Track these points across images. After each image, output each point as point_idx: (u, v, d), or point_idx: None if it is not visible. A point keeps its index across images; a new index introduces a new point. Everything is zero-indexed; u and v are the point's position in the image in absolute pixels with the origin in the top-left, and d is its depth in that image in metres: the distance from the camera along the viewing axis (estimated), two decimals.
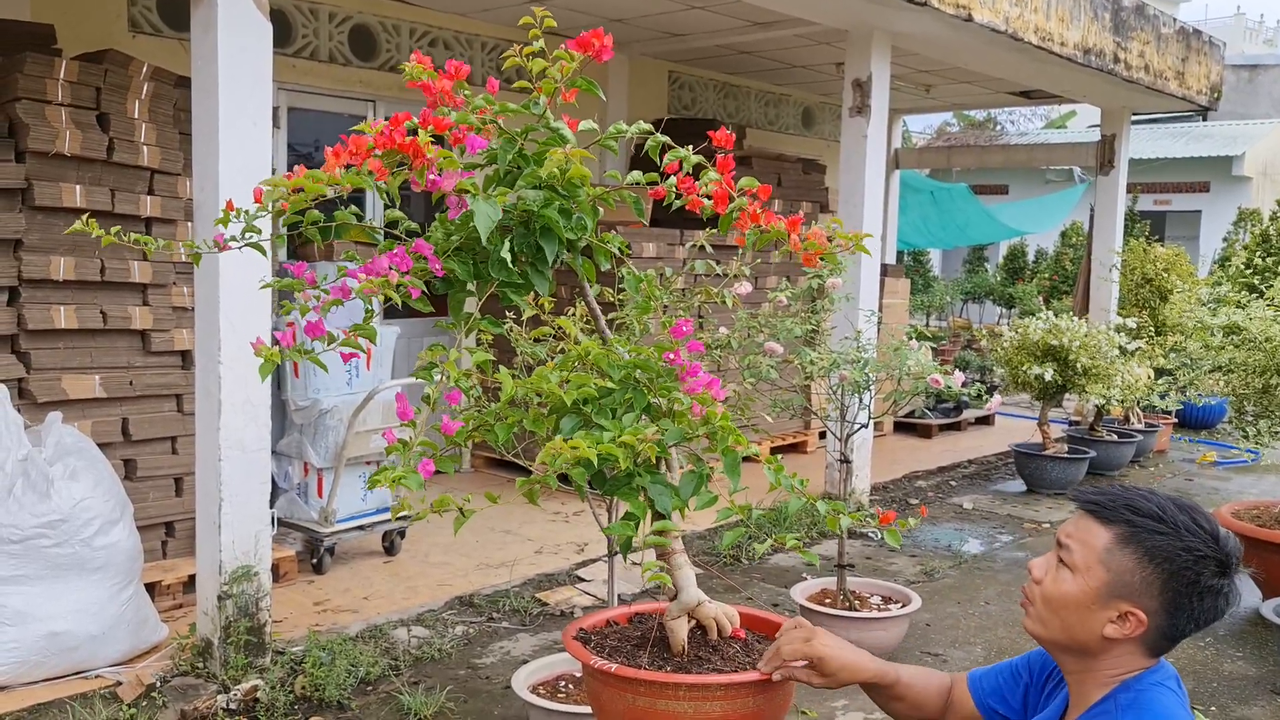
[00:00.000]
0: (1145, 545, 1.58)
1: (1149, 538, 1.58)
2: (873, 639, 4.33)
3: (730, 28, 7.55)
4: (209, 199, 3.83)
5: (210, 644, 3.96)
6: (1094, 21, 7.66)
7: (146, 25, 5.81)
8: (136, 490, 4.61)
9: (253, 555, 4.00)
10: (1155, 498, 1.62)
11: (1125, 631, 1.59)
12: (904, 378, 4.00)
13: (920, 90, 10.24)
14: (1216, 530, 1.59)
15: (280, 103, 6.44)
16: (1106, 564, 1.59)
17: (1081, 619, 1.61)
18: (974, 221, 14.09)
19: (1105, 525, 1.61)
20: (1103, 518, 1.62)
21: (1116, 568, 1.59)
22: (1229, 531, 1.62)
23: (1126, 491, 1.65)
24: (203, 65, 3.83)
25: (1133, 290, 9.24)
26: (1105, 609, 1.59)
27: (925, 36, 6.95)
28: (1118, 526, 1.60)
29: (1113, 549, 1.59)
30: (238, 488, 3.94)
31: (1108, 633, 1.60)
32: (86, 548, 3.86)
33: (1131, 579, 1.58)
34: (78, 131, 4.36)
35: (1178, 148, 20.53)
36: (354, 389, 5.29)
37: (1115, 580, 1.58)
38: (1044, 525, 6.93)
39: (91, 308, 4.48)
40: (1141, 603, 1.58)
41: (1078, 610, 1.61)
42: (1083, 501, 1.66)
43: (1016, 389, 8.02)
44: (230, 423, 3.90)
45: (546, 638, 4.65)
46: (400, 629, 4.57)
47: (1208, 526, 1.58)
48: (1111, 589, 1.59)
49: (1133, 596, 1.58)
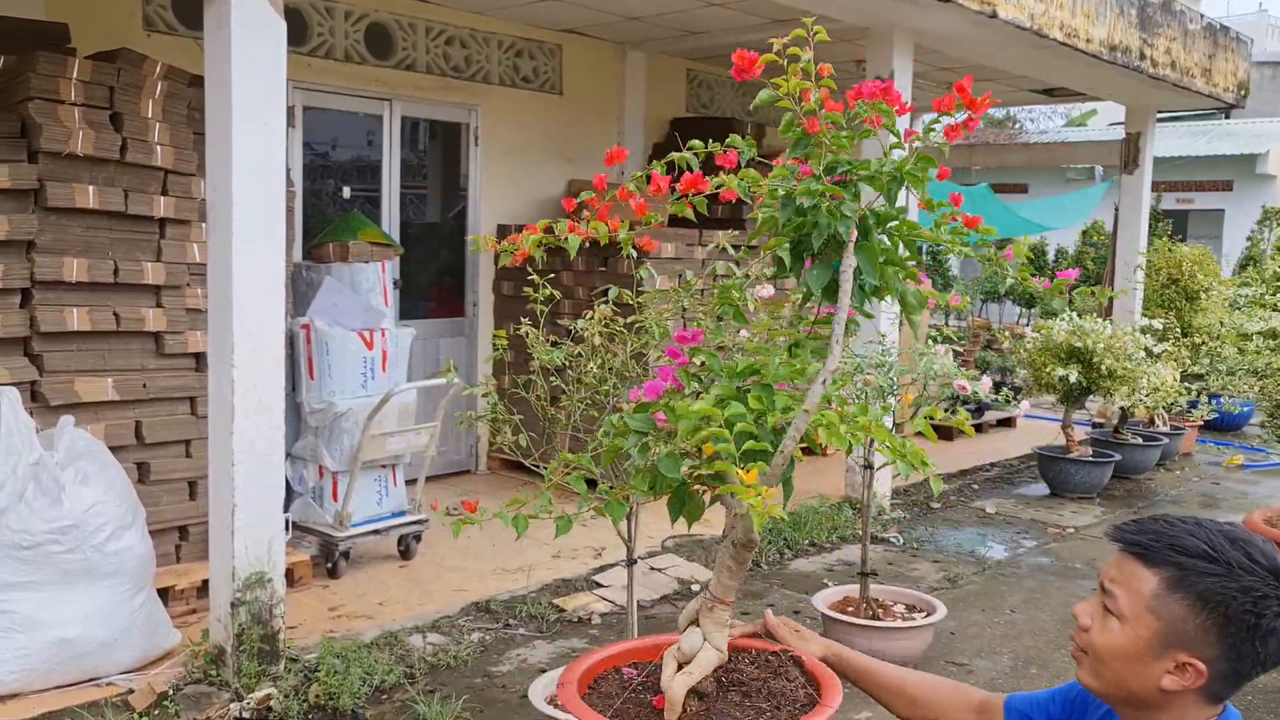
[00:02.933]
0: (1197, 589, 1.43)
1: (1200, 580, 1.43)
2: (896, 649, 4.24)
3: (749, 25, 7.46)
4: (222, 199, 3.78)
5: (223, 651, 3.91)
6: (1120, 17, 7.53)
7: (161, 24, 5.77)
8: (150, 494, 4.56)
9: (266, 561, 3.94)
10: (1203, 531, 1.47)
11: (1184, 683, 1.45)
12: (930, 384, 3.90)
13: (942, 88, 10.12)
14: (1277, 563, 1.45)
15: (296, 102, 6.39)
16: (1156, 612, 1.45)
17: (1135, 671, 1.47)
18: (993, 221, 13.93)
19: (1150, 568, 1.47)
20: (1147, 560, 1.48)
21: (1167, 615, 1.44)
22: None
23: (1171, 527, 1.49)
24: (216, 63, 3.77)
25: (1158, 291, 9.10)
26: (1160, 660, 1.45)
27: (948, 33, 6.84)
28: (1164, 569, 1.46)
29: (1161, 595, 1.45)
30: (251, 492, 3.88)
31: (1165, 685, 1.46)
32: (98, 553, 3.80)
33: (1185, 627, 1.43)
34: (91, 131, 4.32)
35: (1200, 146, 20.29)
36: (369, 391, 5.23)
37: (1168, 629, 1.44)
38: (1068, 530, 6.81)
39: (104, 309, 4.43)
40: (1199, 652, 1.43)
41: (1130, 662, 1.48)
42: (1123, 541, 1.52)
43: (1040, 391, 7.90)
44: (243, 426, 3.84)
45: (564, 645, 4.58)
46: (415, 636, 4.51)
47: (1265, 561, 1.44)
48: (1165, 639, 1.45)
49: (1189, 646, 1.44)
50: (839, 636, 4.29)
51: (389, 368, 5.32)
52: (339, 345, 5.11)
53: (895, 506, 7.02)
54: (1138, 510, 7.45)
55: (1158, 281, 9.11)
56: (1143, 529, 1.51)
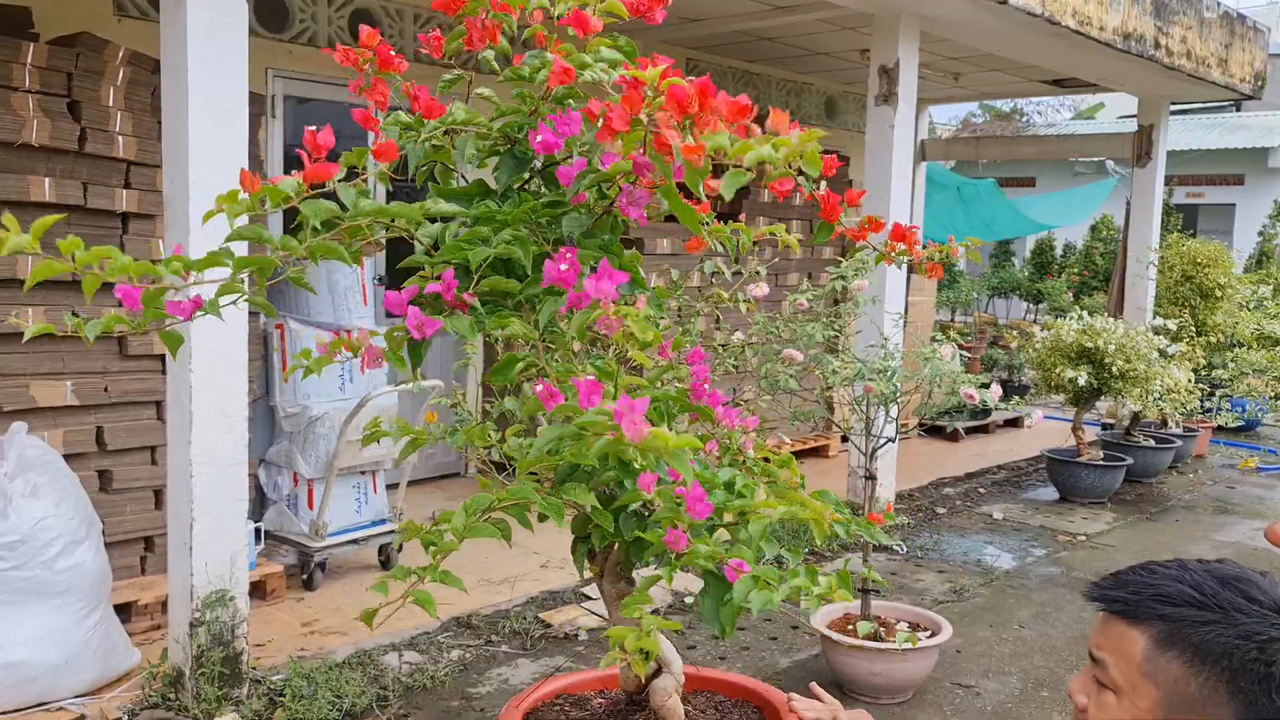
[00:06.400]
0: (1191, 641, 1.22)
1: (1193, 631, 1.22)
2: (900, 672, 4.00)
3: (751, 11, 7.19)
4: (179, 192, 3.53)
5: (182, 674, 3.67)
6: (1134, 4, 7.25)
7: (133, 9, 5.52)
8: (112, 503, 4.33)
9: (228, 579, 3.70)
10: (1188, 574, 1.26)
11: None
12: (934, 391, 3.65)
13: (948, 79, 9.84)
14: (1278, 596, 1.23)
15: (276, 91, 6.14)
16: (1152, 677, 1.24)
17: None
18: (1000, 217, 13.66)
19: (1136, 627, 1.25)
20: (1131, 618, 1.26)
21: (1166, 679, 1.23)
22: None
23: (1152, 575, 1.28)
24: (172, 45, 3.53)
25: (1171, 288, 8.83)
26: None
27: (956, 20, 6.57)
28: (1151, 625, 1.24)
29: (1153, 656, 1.23)
30: (211, 506, 3.64)
31: None
32: (47, 570, 3.57)
33: (1188, 689, 1.22)
34: (46, 120, 4.07)
35: (1211, 139, 19.97)
36: (347, 394, 4.99)
37: (1169, 695, 1.23)
38: (1079, 538, 6.55)
39: (63, 309, 4.18)
40: (1209, 713, 1.22)
41: None
42: (1102, 600, 1.30)
43: (1049, 392, 7.64)
44: (203, 436, 3.59)
45: (548, 663, 4.34)
46: (391, 654, 4.27)
47: (1265, 599, 1.22)
48: (1168, 706, 1.23)
49: (1196, 709, 1.22)
50: (838, 658, 4.05)
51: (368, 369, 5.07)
52: (314, 346, 4.85)
53: (899, 512, 6.76)
54: (1150, 516, 7.19)
55: (1171, 278, 8.84)
56: (1120, 582, 1.30)
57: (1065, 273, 17.78)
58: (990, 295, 18.64)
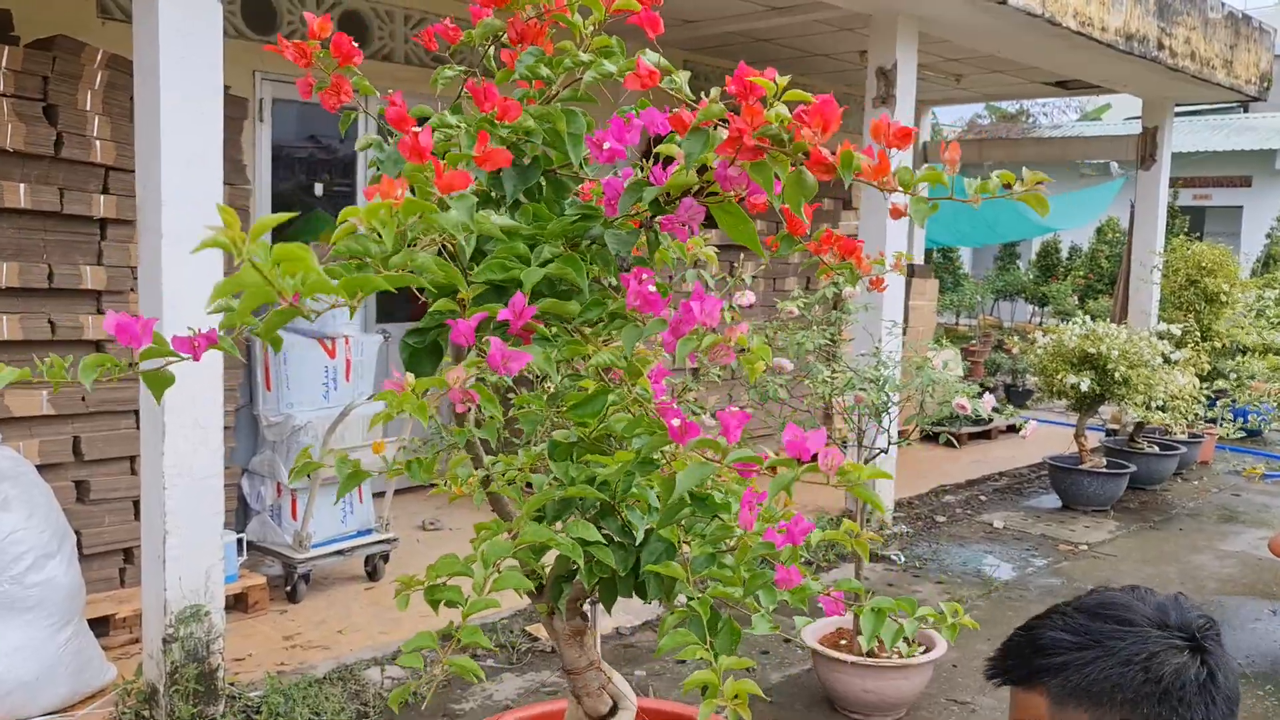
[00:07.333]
0: (1082, 687, 1.16)
1: (1079, 674, 1.16)
2: (893, 689, 3.90)
3: (747, 12, 7.10)
4: (151, 194, 3.45)
5: (156, 691, 3.58)
6: (1137, 5, 7.15)
7: (117, 10, 5.44)
8: (90, 514, 4.25)
9: (203, 594, 3.61)
10: (1058, 618, 1.21)
11: None
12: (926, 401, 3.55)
13: (950, 80, 9.73)
14: (1160, 606, 1.18)
15: (265, 94, 6.06)
16: None
17: None
18: (1004, 218, 13.54)
19: (1032, 690, 1.20)
20: (1025, 683, 1.21)
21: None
22: (1178, 596, 1.21)
23: (1030, 632, 1.23)
24: (144, 46, 3.44)
25: (1176, 292, 8.72)
26: None
27: (954, 21, 6.47)
28: (1043, 684, 1.19)
29: (1057, 715, 1.18)
30: (185, 519, 3.54)
31: None
32: (17, 585, 3.48)
33: None
34: (21, 125, 4.00)
35: (1218, 140, 19.81)
36: (331, 402, 4.90)
37: None
38: (1080, 547, 6.44)
39: (38, 316, 4.11)
40: None
41: None
42: (998, 677, 1.25)
43: (1051, 398, 7.54)
44: (176, 447, 3.50)
45: (534, 679, 4.25)
46: (374, 669, 4.18)
47: (1137, 615, 1.17)
48: None
49: None
50: (829, 674, 3.95)
51: (353, 377, 4.99)
52: (298, 353, 4.77)
53: (898, 520, 6.66)
54: (1154, 524, 7.07)
55: (1175, 282, 8.73)
56: (1005, 651, 1.25)
57: (1070, 276, 17.63)
58: (995, 298, 18.51)
